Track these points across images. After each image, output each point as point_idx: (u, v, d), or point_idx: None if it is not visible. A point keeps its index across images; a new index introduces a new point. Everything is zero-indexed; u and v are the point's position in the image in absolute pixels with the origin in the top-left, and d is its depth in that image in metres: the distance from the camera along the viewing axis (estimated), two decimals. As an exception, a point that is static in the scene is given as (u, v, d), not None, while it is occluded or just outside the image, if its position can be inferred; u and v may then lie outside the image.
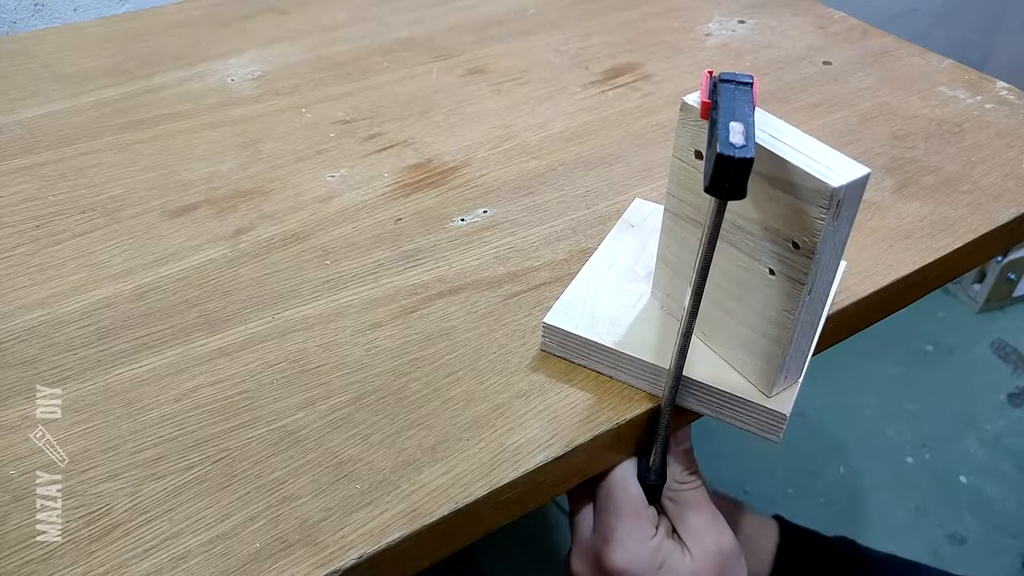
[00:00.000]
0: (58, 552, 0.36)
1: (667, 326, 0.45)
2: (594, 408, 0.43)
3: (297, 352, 0.46)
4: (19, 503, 0.38)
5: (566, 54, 0.77)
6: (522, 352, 0.46)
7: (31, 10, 0.87)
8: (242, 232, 0.55)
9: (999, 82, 0.72)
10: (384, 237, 0.54)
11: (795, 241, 0.36)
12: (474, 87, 0.71)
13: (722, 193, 0.32)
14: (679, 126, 0.39)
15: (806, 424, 1.36)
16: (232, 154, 0.62)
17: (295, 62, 0.74)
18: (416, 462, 0.40)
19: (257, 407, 0.43)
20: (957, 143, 0.64)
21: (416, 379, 0.44)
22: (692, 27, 0.82)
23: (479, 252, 0.53)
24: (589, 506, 0.46)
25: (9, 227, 0.55)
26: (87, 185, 0.59)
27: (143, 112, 0.67)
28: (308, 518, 0.38)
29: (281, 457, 0.40)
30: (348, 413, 0.42)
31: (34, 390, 0.43)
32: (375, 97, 0.70)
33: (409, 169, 0.61)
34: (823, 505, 1.28)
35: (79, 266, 0.52)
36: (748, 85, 0.35)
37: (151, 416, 0.42)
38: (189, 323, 0.48)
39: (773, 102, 0.70)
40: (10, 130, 0.65)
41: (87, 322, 0.48)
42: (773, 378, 0.40)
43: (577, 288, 0.47)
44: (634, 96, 0.70)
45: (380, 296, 0.50)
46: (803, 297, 0.37)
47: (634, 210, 0.54)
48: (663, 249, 0.44)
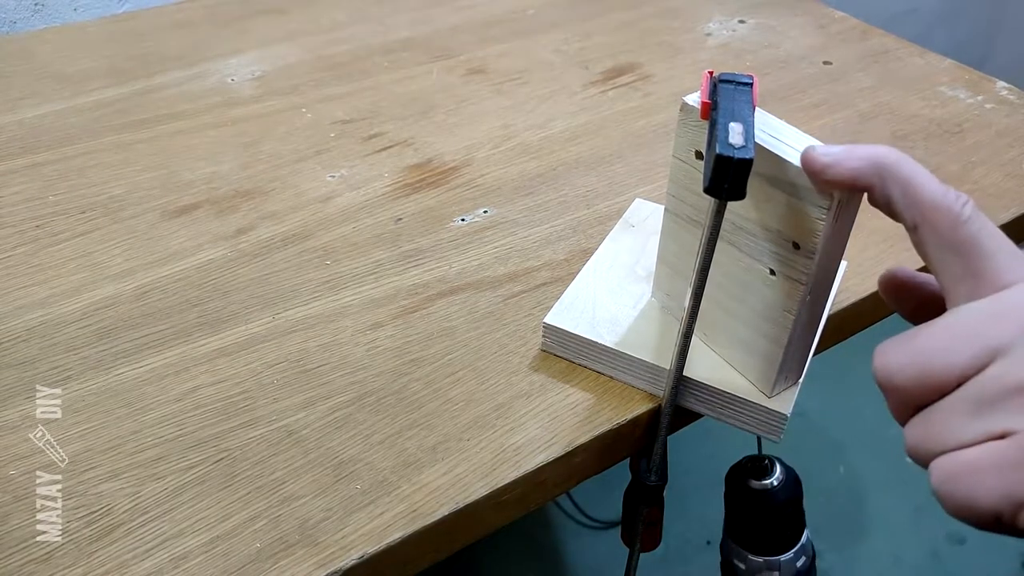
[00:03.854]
0: (58, 552, 0.36)
1: (667, 326, 0.45)
2: (594, 408, 0.43)
3: (297, 352, 0.46)
4: (19, 503, 0.38)
5: (566, 54, 0.77)
6: (522, 352, 0.46)
7: (31, 10, 0.87)
8: (242, 232, 0.55)
9: (999, 82, 0.72)
10: (384, 237, 0.54)
11: (795, 241, 0.35)
12: (474, 87, 0.71)
13: (722, 193, 0.32)
14: (679, 126, 0.39)
15: (806, 424, 1.36)
16: (232, 154, 0.62)
17: (295, 62, 0.74)
18: (416, 462, 0.40)
19: (257, 407, 0.43)
20: (957, 143, 0.64)
21: (416, 379, 0.44)
22: (692, 27, 0.82)
23: (479, 252, 0.53)
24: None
25: (9, 227, 0.55)
26: (87, 185, 0.59)
27: (143, 112, 0.67)
28: (309, 518, 0.38)
29: (281, 457, 0.40)
30: (348, 413, 0.42)
31: (34, 390, 0.43)
32: (375, 97, 0.70)
33: (409, 169, 0.61)
34: (823, 505, 1.28)
35: (79, 266, 0.52)
36: (748, 85, 0.35)
37: (151, 416, 0.42)
38: (189, 323, 0.48)
39: (773, 102, 0.70)
40: (10, 130, 0.65)
41: (87, 322, 0.48)
42: (773, 378, 0.40)
43: (577, 288, 0.47)
44: (634, 96, 0.70)
45: (380, 296, 0.50)
46: (803, 297, 0.37)
47: (634, 210, 0.54)
48: (663, 249, 0.44)
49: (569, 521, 1.23)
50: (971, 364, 0.27)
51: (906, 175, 0.30)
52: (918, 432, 0.29)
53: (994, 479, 0.26)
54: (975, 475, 0.27)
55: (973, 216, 0.30)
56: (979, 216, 0.30)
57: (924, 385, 0.28)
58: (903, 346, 0.29)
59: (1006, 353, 0.27)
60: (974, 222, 0.30)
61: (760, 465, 0.51)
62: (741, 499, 0.51)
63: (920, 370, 0.28)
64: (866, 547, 1.23)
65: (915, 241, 0.31)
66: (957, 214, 0.30)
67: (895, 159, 0.31)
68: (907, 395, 0.29)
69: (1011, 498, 0.26)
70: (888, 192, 0.31)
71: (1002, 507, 0.26)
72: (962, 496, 0.27)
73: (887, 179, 0.30)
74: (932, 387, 0.28)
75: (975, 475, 0.27)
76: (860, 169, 0.31)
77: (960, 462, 0.27)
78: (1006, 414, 0.26)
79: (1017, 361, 0.27)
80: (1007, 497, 0.26)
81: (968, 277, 0.29)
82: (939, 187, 0.30)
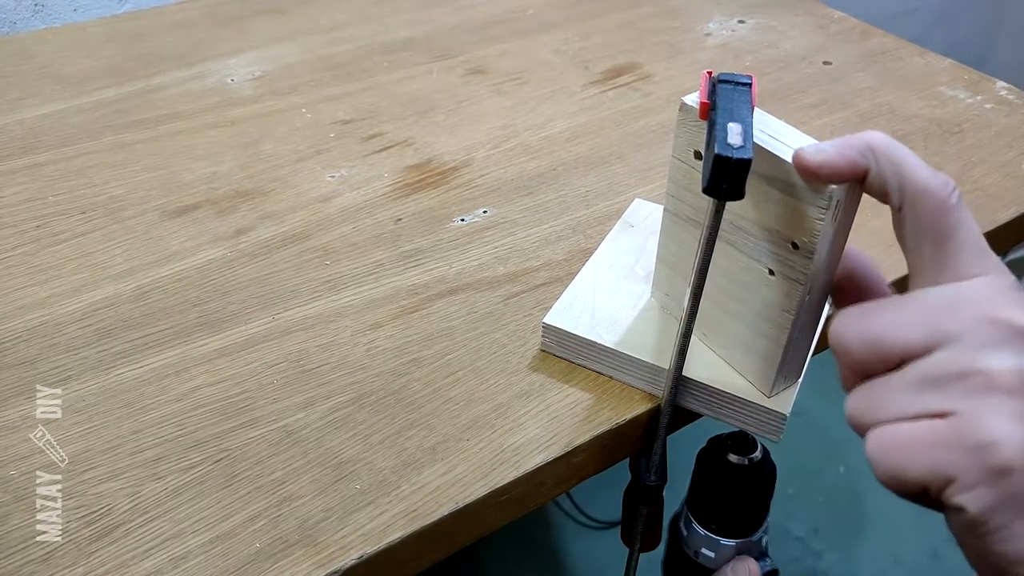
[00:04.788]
0: (58, 552, 0.36)
1: (667, 326, 0.45)
2: (594, 408, 0.43)
3: (297, 352, 0.46)
4: (19, 503, 0.38)
5: (566, 54, 0.77)
6: (522, 352, 0.46)
7: (31, 10, 0.87)
8: (242, 232, 0.55)
9: (999, 82, 0.72)
10: (384, 237, 0.54)
11: (794, 241, 0.36)
12: (474, 87, 0.71)
13: (720, 194, 0.32)
14: (678, 127, 0.39)
15: (806, 424, 1.36)
16: (232, 154, 0.62)
17: (295, 62, 0.75)
18: (416, 462, 0.40)
19: (257, 407, 0.43)
20: (957, 143, 0.64)
21: (416, 379, 0.44)
22: (692, 27, 0.82)
23: (479, 252, 0.53)
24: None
25: (9, 227, 0.55)
26: (87, 185, 0.59)
27: (143, 112, 0.67)
28: (308, 518, 0.38)
29: (281, 457, 0.40)
30: (348, 413, 0.43)
31: (34, 390, 0.44)
32: (375, 97, 0.70)
33: (409, 169, 0.61)
34: (823, 505, 1.28)
35: (79, 266, 0.52)
36: (747, 86, 0.35)
37: (151, 416, 0.42)
38: (189, 323, 0.48)
39: (773, 102, 0.70)
40: (10, 130, 0.65)
41: (87, 322, 0.48)
42: (773, 378, 0.40)
43: (577, 288, 0.47)
44: (634, 96, 0.70)
45: (380, 296, 0.50)
46: (803, 297, 0.37)
47: (634, 210, 0.54)
48: (663, 249, 0.44)
49: (569, 521, 1.23)
50: (921, 344, 0.29)
51: (897, 159, 0.32)
52: (860, 400, 0.31)
53: (926, 454, 0.28)
54: (909, 448, 0.29)
55: (957, 206, 0.31)
56: (961, 207, 0.31)
57: (874, 356, 0.31)
58: (862, 316, 0.31)
59: (956, 340, 0.29)
60: (955, 213, 0.31)
61: (741, 440, 0.48)
62: (726, 476, 0.47)
63: (872, 341, 0.30)
64: (866, 547, 1.23)
65: (896, 220, 0.33)
66: (943, 200, 0.31)
67: (886, 143, 0.32)
68: (856, 363, 0.31)
69: (938, 473, 0.28)
70: (883, 175, 0.32)
71: (929, 481, 0.28)
72: (894, 465, 0.29)
73: (881, 162, 0.32)
74: (881, 359, 0.30)
75: (909, 448, 0.29)
76: (855, 159, 0.32)
77: (897, 434, 0.29)
78: (947, 396, 0.28)
79: (965, 349, 0.29)
80: (935, 472, 0.28)
81: (936, 264, 0.31)
82: (927, 172, 0.31)
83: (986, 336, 0.29)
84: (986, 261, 0.31)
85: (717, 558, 0.47)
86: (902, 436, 0.29)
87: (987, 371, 0.28)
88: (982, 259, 0.31)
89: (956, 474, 0.28)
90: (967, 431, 0.28)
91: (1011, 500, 0.27)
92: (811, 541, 1.24)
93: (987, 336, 0.29)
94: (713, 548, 0.48)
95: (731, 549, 0.47)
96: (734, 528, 0.48)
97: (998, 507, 0.27)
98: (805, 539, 1.24)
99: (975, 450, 0.27)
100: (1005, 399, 0.28)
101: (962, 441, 0.28)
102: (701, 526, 0.49)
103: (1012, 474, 0.27)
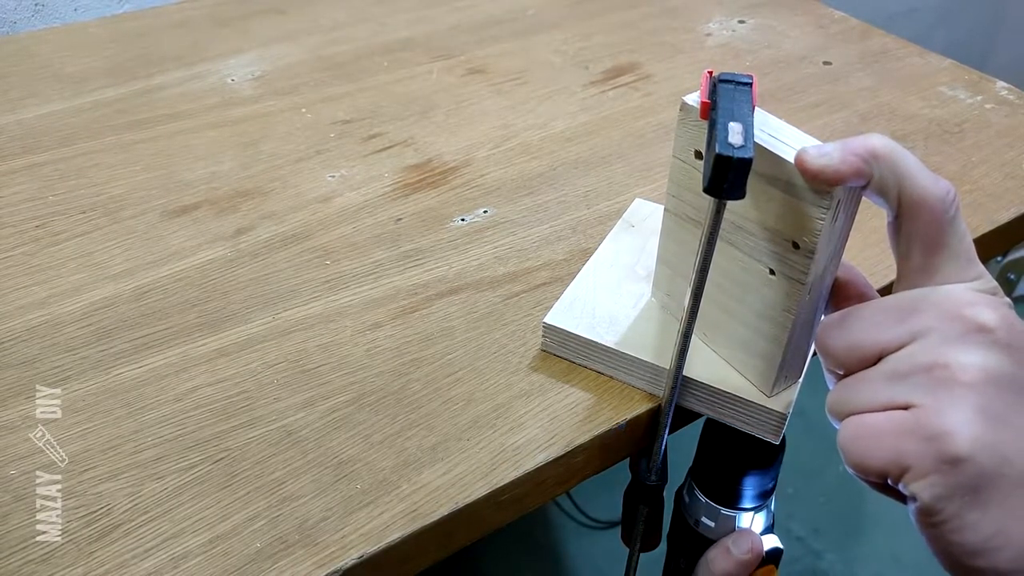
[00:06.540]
0: (58, 552, 0.36)
1: (667, 326, 0.45)
2: (594, 408, 0.43)
3: (297, 352, 0.46)
4: (19, 503, 0.38)
5: (566, 54, 0.77)
6: (522, 352, 0.46)
7: (31, 10, 0.87)
8: (242, 232, 0.55)
9: (999, 82, 0.72)
10: (384, 237, 0.54)
11: (795, 241, 0.36)
12: (474, 87, 0.71)
13: (721, 193, 0.32)
14: (679, 126, 0.39)
15: (806, 424, 1.36)
16: (232, 154, 0.62)
17: (295, 62, 0.75)
18: (416, 462, 0.40)
19: (257, 407, 0.43)
20: (957, 143, 0.64)
21: (416, 379, 0.44)
22: (692, 27, 0.82)
23: (479, 252, 0.53)
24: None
25: (9, 227, 0.55)
26: (87, 185, 0.59)
27: (143, 112, 0.67)
28: (308, 518, 0.38)
29: (281, 457, 0.40)
30: (348, 413, 0.42)
31: (34, 390, 0.44)
32: (375, 97, 0.70)
33: (409, 169, 0.61)
34: (823, 505, 1.28)
35: (79, 266, 0.52)
36: (747, 85, 0.35)
37: (151, 416, 0.42)
38: (189, 323, 0.48)
39: (773, 102, 0.70)
40: (10, 130, 0.65)
41: (87, 322, 0.48)
42: (773, 378, 0.40)
43: (577, 288, 0.47)
44: (634, 96, 0.70)
45: (380, 296, 0.50)
46: (803, 297, 0.37)
47: (634, 210, 0.54)
48: (663, 249, 0.44)
49: (569, 521, 1.23)
50: (895, 341, 0.31)
51: (900, 167, 0.32)
52: (839, 393, 0.33)
53: (889, 442, 0.30)
54: (874, 437, 0.30)
55: (953, 218, 0.32)
56: (958, 218, 0.32)
57: (852, 354, 0.32)
58: (842, 321, 0.33)
59: (925, 336, 0.30)
60: (951, 225, 0.32)
61: None
62: (731, 442, 0.45)
63: (852, 343, 0.32)
64: (866, 547, 1.23)
65: (890, 225, 0.34)
66: (940, 213, 0.32)
67: (889, 150, 0.32)
68: (838, 361, 0.33)
69: (897, 462, 0.29)
70: (883, 182, 0.32)
71: (889, 469, 0.30)
72: (860, 453, 0.31)
73: (883, 169, 0.32)
74: (858, 358, 0.32)
75: (874, 437, 0.30)
76: (859, 166, 0.32)
77: (864, 423, 0.31)
78: (912, 388, 0.30)
79: (931, 344, 0.30)
80: (895, 461, 0.29)
81: (924, 271, 0.33)
82: (928, 180, 0.32)
83: (952, 332, 0.30)
84: (971, 270, 0.32)
85: (717, 528, 0.47)
86: (867, 425, 0.31)
87: (951, 365, 0.29)
88: (968, 268, 0.32)
89: (911, 463, 0.29)
90: (925, 421, 0.29)
91: (961, 489, 0.28)
92: (811, 541, 1.24)
93: (953, 332, 0.30)
94: (713, 517, 0.47)
95: (731, 520, 0.47)
96: (734, 497, 0.47)
97: (949, 496, 0.28)
98: (805, 539, 1.24)
99: (930, 439, 0.29)
100: (967, 392, 0.29)
101: (920, 431, 0.29)
102: (703, 493, 0.48)
103: (963, 464, 0.28)
